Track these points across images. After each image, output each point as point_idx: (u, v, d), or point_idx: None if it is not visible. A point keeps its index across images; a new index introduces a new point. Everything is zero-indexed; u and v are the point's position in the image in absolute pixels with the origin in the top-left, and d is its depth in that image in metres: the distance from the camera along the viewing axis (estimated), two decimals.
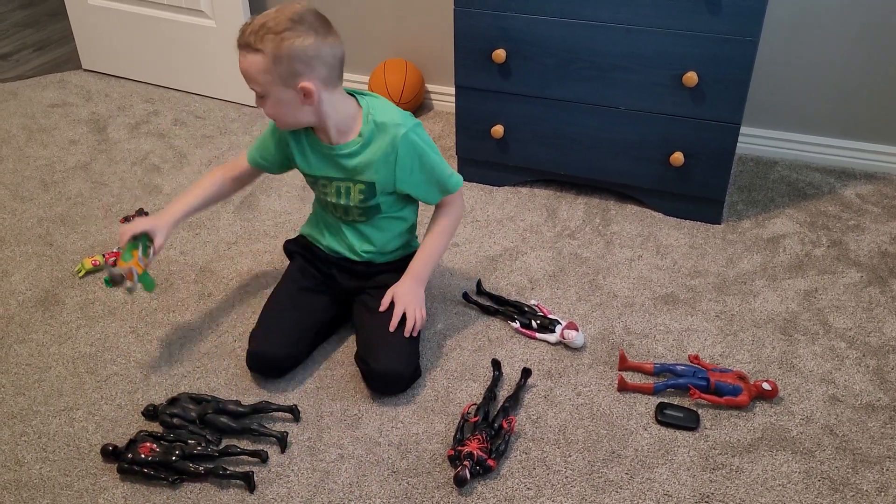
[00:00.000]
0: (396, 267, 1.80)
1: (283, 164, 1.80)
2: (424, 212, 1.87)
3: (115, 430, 1.62)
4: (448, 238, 1.78)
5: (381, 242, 1.78)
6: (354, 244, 1.78)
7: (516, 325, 1.84)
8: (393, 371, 1.65)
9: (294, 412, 1.62)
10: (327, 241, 1.82)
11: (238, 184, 1.88)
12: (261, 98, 1.62)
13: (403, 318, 1.70)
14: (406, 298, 1.72)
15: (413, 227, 1.83)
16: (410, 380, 1.69)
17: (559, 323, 1.81)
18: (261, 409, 1.61)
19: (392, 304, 1.72)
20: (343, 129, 1.66)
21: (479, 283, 1.97)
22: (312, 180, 1.76)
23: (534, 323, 1.82)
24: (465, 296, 1.93)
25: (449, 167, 1.73)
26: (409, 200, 1.77)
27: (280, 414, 1.63)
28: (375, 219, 1.75)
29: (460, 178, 1.75)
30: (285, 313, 1.75)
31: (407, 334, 1.69)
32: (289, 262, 1.90)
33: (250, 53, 1.56)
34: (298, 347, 1.73)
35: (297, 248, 1.88)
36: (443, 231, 1.77)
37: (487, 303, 1.92)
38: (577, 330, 1.79)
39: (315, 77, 1.56)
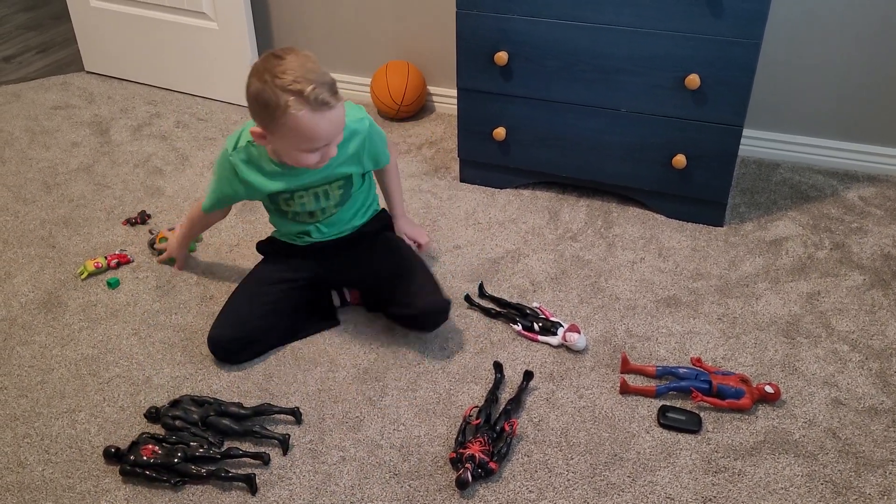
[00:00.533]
0: (371, 227, 1.89)
1: (225, 205, 1.89)
2: None
3: (118, 432, 1.62)
4: (398, 178, 2.00)
5: (358, 215, 1.86)
6: (328, 232, 1.84)
7: (518, 327, 1.84)
8: (441, 303, 1.76)
9: (296, 414, 1.62)
10: (304, 241, 1.85)
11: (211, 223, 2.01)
12: (327, 146, 1.62)
13: (413, 260, 1.85)
14: (411, 228, 2.00)
15: (371, 186, 1.91)
16: (449, 308, 1.79)
17: (561, 325, 1.81)
18: (263, 411, 1.61)
19: (400, 248, 1.88)
20: None
21: (481, 286, 1.97)
22: (283, 197, 1.77)
23: (536, 325, 1.82)
24: (468, 298, 1.93)
25: (383, 133, 1.86)
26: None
27: (282, 416, 1.63)
28: (347, 203, 1.82)
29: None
30: (236, 302, 1.82)
31: (425, 250, 2.00)
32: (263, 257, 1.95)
33: (338, 106, 1.58)
34: (245, 330, 1.77)
35: (271, 248, 1.92)
36: (396, 174, 1.99)
37: (489, 305, 1.92)
38: (579, 332, 1.79)
39: None
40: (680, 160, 2.12)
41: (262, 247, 1.95)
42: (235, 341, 1.76)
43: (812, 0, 2.28)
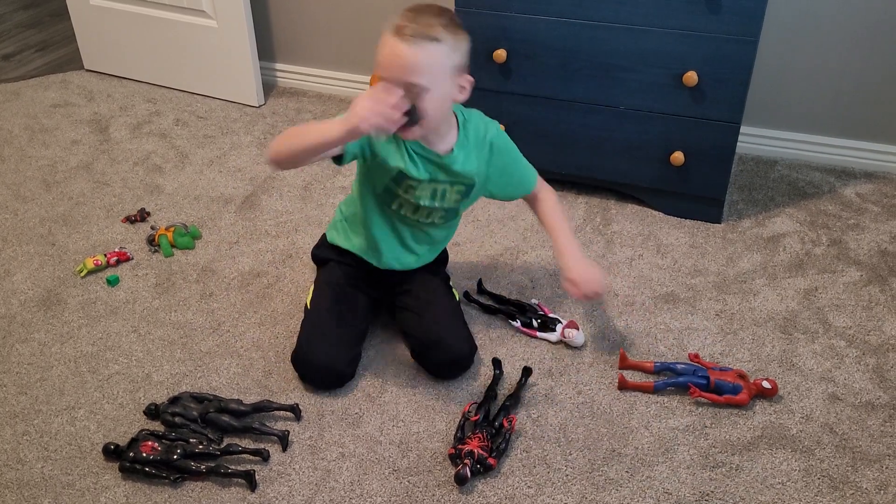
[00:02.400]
0: (427, 268, 1.82)
1: (355, 155, 1.62)
2: None
3: (117, 428, 1.62)
4: (562, 211, 1.80)
5: (440, 243, 1.82)
6: (414, 247, 1.76)
7: (517, 323, 1.85)
8: (458, 357, 1.70)
9: (295, 411, 1.63)
10: (377, 254, 1.76)
11: None
12: (415, 94, 1.48)
13: (457, 304, 1.81)
14: (588, 272, 1.67)
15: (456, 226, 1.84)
16: (471, 358, 1.73)
17: (560, 322, 1.82)
18: (262, 407, 1.62)
19: (441, 293, 1.78)
20: (445, 133, 1.64)
21: (479, 282, 1.97)
22: (401, 186, 1.64)
23: (534, 322, 1.83)
24: (466, 295, 1.94)
25: (526, 162, 1.78)
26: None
27: (281, 413, 1.64)
28: (450, 222, 1.77)
29: (535, 170, 1.80)
30: (339, 321, 1.73)
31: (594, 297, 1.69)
32: (319, 268, 1.86)
33: (428, 43, 1.47)
34: (355, 352, 1.73)
35: (331, 255, 1.83)
36: (559, 206, 1.79)
37: (488, 302, 1.92)
38: (577, 329, 1.79)
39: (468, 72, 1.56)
40: (678, 157, 2.12)
41: (320, 252, 1.87)
42: (352, 366, 1.72)
43: None
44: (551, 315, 1.85)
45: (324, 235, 1.88)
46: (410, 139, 1.58)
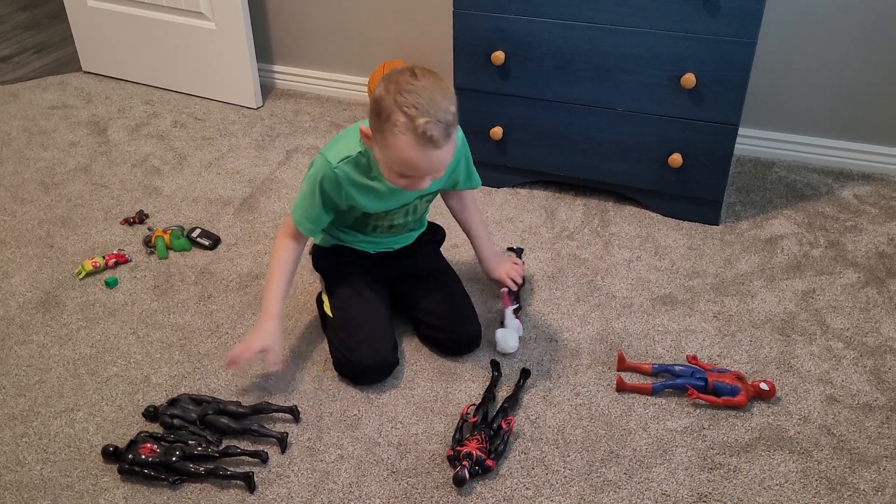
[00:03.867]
0: (428, 237, 1.90)
1: (330, 217, 1.72)
2: None
3: (116, 430, 1.62)
4: (480, 212, 1.94)
5: (422, 223, 1.88)
6: (397, 240, 1.83)
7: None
8: (474, 332, 1.79)
9: (294, 413, 1.63)
10: (375, 248, 1.82)
11: (303, 244, 1.76)
12: (420, 178, 1.54)
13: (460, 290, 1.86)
14: (502, 267, 1.90)
15: None
16: (481, 334, 1.81)
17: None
18: (261, 409, 1.62)
19: (449, 277, 1.87)
20: None
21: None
22: (372, 217, 1.72)
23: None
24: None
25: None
26: None
27: (280, 415, 1.64)
28: (420, 224, 1.85)
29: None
30: (375, 315, 1.75)
31: (517, 286, 1.89)
32: (325, 275, 1.84)
33: (446, 147, 1.48)
34: (393, 338, 1.76)
35: (331, 257, 1.83)
36: (478, 209, 1.93)
37: None
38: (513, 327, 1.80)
39: None
40: (676, 159, 2.13)
41: (328, 260, 1.84)
42: (396, 356, 1.75)
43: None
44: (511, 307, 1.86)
45: (315, 246, 1.87)
46: None
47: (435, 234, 1.94)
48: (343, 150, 1.63)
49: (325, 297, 1.82)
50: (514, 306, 1.85)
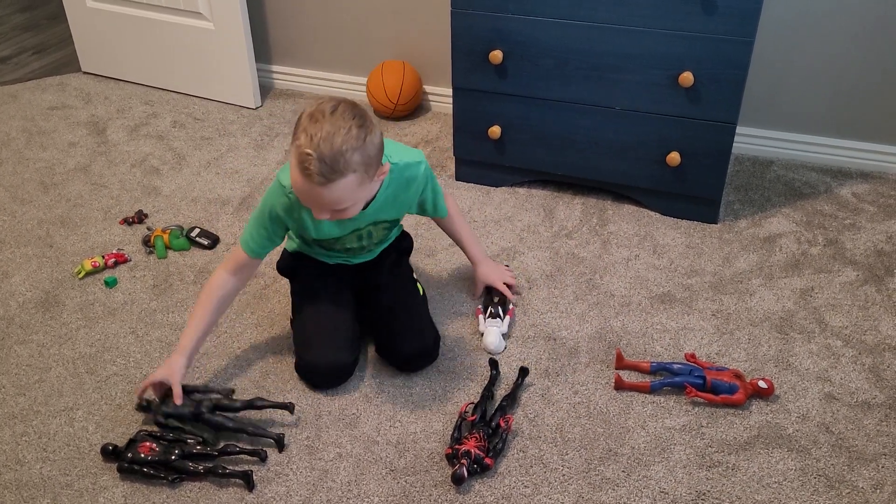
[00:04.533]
0: (392, 247, 1.85)
1: (281, 239, 1.72)
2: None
3: (115, 429, 1.62)
4: (465, 221, 1.97)
5: (387, 242, 1.83)
6: (363, 257, 1.80)
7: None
8: (421, 349, 1.75)
9: (289, 407, 1.62)
10: (329, 260, 1.80)
11: (243, 279, 1.73)
12: (341, 211, 1.50)
13: (421, 298, 1.85)
14: (493, 275, 1.92)
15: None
16: (436, 349, 1.78)
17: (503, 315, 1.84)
18: (255, 404, 1.60)
19: (405, 286, 1.83)
20: None
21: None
22: (325, 242, 1.71)
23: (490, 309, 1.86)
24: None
25: (440, 188, 1.80)
26: None
27: (277, 415, 1.64)
28: (391, 234, 1.81)
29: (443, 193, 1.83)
30: (331, 318, 1.74)
31: (512, 296, 1.92)
32: (289, 279, 1.85)
33: (340, 180, 1.42)
34: (353, 341, 1.75)
35: (294, 262, 1.83)
36: (461, 218, 1.93)
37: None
38: (499, 327, 1.81)
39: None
40: (674, 158, 2.13)
41: (290, 263, 1.84)
42: (355, 361, 1.74)
43: None
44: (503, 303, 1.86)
45: (284, 250, 1.86)
46: None
47: (400, 242, 1.87)
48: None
49: (290, 302, 1.83)
50: (489, 312, 1.86)
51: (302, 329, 1.75)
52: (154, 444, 1.53)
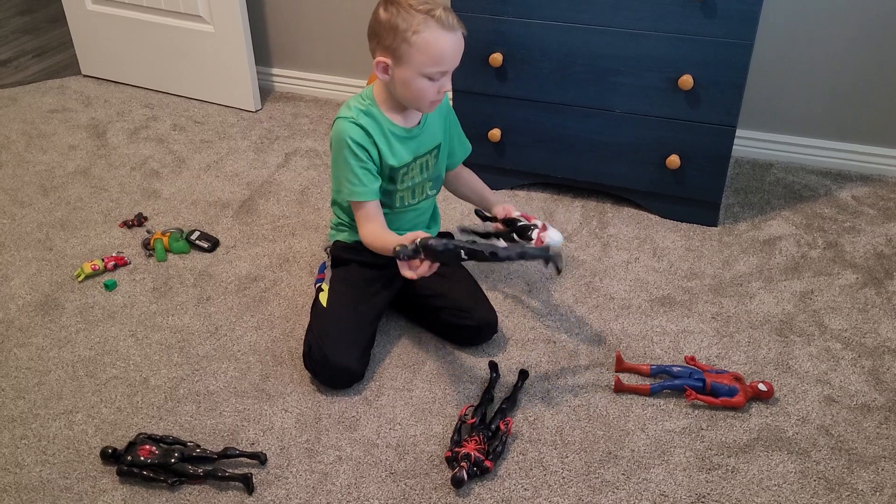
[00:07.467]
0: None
1: (377, 168, 1.73)
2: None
3: (115, 432, 1.62)
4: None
5: (431, 212, 1.94)
6: (414, 229, 1.79)
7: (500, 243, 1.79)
8: (493, 319, 1.81)
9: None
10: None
11: (383, 221, 1.75)
12: (446, 76, 1.65)
13: (475, 282, 1.90)
14: (509, 206, 1.90)
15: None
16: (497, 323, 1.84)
17: (535, 227, 1.78)
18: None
19: (463, 275, 1.91)
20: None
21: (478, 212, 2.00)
22: (399, 173, 1.74)
23: (515, 237, 1.81)
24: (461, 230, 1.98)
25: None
26: None
27: (277, 422, 1.64)
28: (436, 189, 1.89)
29: None
30: (356, 322, 1.74)
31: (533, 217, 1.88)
32: (337, 268, 1.85)
33: (461, 29, 1.63)
34: (368, 352, 1.77)
35: (351, 255, 1.83)
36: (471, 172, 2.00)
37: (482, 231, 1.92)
38: (548, 229, 1.77)
39: None
40: (674, 161, 2.13)
41: (340, 252, 1.85)
42: (362, 373, 1.74)
43: (804, 1, 2.29)
44: (533, 221, 1.81)
45: (337, 241, 1.87)
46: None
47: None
48: (354, 106, 1.71)
49: (325, 287, 1.82)
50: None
51: (326, 321, 1.73)
52: (154, 448, 1.53)
